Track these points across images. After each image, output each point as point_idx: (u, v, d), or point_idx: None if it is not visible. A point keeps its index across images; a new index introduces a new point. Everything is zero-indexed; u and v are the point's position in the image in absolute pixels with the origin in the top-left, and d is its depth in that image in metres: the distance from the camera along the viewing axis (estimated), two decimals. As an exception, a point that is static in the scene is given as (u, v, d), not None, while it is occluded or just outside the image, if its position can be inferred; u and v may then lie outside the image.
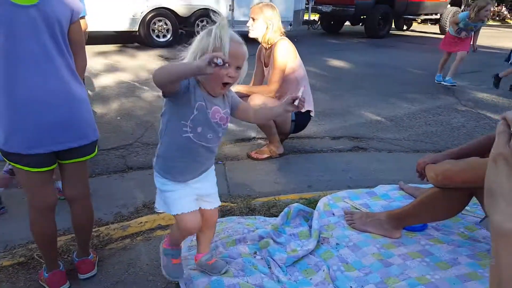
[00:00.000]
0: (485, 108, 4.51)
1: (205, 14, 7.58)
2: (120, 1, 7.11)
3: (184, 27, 7.65)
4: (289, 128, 3.04)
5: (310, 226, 1.92)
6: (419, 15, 11.65)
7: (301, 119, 3.01)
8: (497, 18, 24.91)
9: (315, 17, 11.57)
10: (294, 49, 2.91)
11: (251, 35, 2.85)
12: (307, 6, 9.89)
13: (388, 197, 2.17)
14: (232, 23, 7.85)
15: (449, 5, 11.77)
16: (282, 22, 2.99)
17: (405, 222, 1.78)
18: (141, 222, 2.11)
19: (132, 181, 2.65)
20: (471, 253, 1.63)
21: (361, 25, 11.27)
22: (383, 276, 1.54)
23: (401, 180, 2.38)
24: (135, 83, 5.21)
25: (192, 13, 7.61)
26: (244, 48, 1.28)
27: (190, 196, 1.42)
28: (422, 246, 1.71)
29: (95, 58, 6.41)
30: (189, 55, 1.29)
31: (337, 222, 1.92)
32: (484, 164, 1.45)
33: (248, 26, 2.87)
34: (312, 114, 3.05)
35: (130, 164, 2.90)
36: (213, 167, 1.52)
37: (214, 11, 1.37)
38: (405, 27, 13.30)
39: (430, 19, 12.58)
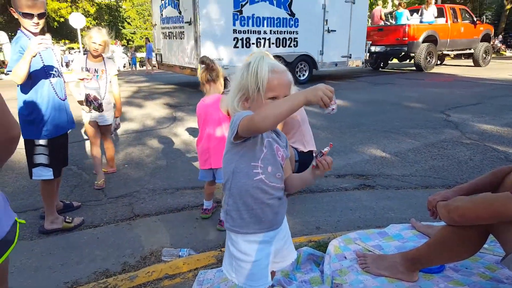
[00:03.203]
0: (491, 140, 4.50)
1: (303, 59, 9.87)
2: (245, 52, 8.75)
3: None
4: (294, 168, 3.04)
5: (322, 271, 1.85)
6: (457, 50, 13.89)
7: (304, 158, 3.01)
8: (493, 51, 25.60)
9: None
10: None
11: None
12: None
13: (401, 237, 2.11)
14: (322, 65, 10.30)
15: (480, 41, 14.00)
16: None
17: (421, 263, 1.71)
18: (148, 272, 2.06)
19: (139, 229, 2.62)
20: (494, 296, 1.55)
21: (409, 61, 13.42)
22: (402, 324, 1.46)
23: (412, 218, 2.33)
24: (141, 132, 5.31)
25: (295, 59, 9.66)
26: (288, 75, 1.22)
27: (268, 266, 1.28)
28: (441, 289, 1.64)
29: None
30: (232, 89, 1.24)
31: (350, 266, 1.86)
32: (498, 199, 1.43)
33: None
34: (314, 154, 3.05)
35: (137, 211, 2.88)
36: None
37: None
38: (438, 62, 14.79)
39: (464, 54, 14.79)
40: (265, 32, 9.09)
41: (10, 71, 2.28)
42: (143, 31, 45.79)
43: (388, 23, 13.23)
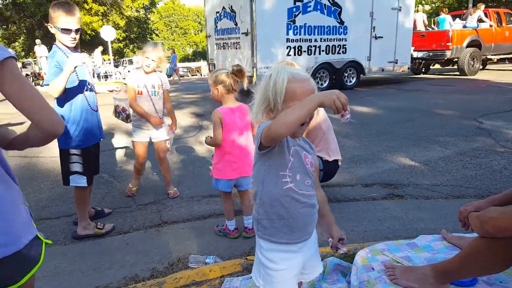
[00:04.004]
0: (527, 148, 4.30)
1: (351, 65, 10.21)
2: (297, 59, 9.25)
3: (334, 75, 10.02)
4: (319, 177, 3.01)
5: (349, 282, 1.83)
6: (502, 54, 13.86)
7: (329, 168, 2.99)
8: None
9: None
10: None
11: None
12: None
13: (431, 249, 2.05)
14: (369, 70, 10.57)
15: None
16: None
17: (452, 276, 1.66)
18: (176, 278, 2.09)
19: (167, 235, 2.68)
20: (531, 312, 1.48)
21: (451, 66, 13.49)
22: (433, 338, 1.41)
23: (442, 229, 2.26)
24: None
25: (343, 65, 10.05)
26: (311, 83, 1.21)
27: (296, 277, 1.30)
28: (474, 303, 1.57)
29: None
30: (257, 100, 1.24)
31: (377, 277, 1.82)
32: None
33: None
34: (339, 163, 3.02)
35: (165, 218, 2.95)
36: None
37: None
38: (481, 67, 14.63)
39: (508, 58, 14.69)
40: (315, 40, 9.53)
41: (48, 84, 2.41)
42: (170, 42, 47.04)
43: (430, 29, 13.18)
